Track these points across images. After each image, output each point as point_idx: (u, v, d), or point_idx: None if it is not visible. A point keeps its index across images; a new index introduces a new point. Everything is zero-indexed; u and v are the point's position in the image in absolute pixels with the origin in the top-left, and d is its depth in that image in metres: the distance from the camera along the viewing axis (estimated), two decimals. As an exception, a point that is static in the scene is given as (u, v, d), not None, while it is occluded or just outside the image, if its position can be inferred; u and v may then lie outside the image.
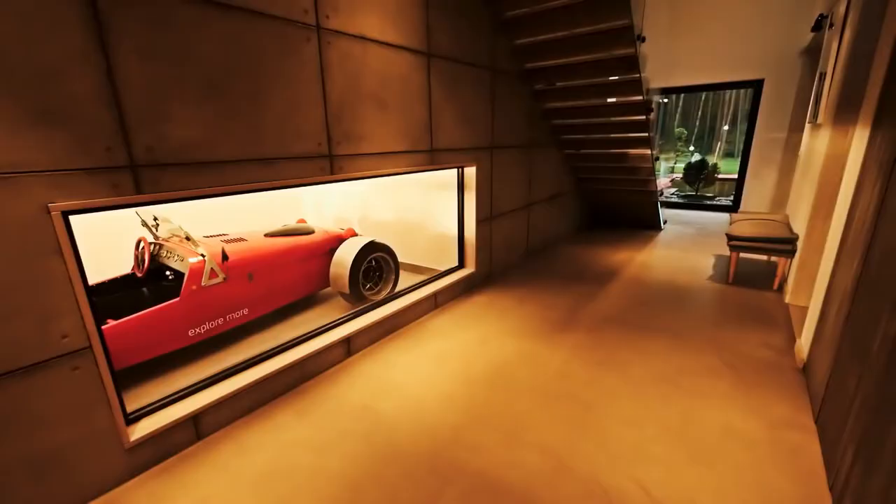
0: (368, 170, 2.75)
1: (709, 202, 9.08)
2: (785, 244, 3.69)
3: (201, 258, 2.78)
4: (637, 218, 6.52)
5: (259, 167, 2.14)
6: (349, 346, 2.86)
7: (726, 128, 32.15)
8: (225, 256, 2.78)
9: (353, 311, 3.14)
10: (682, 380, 2.51)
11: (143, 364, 2.59)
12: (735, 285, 4.00)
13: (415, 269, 4.59)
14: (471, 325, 3.32)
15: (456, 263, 4.13)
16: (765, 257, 4.68)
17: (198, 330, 2.80)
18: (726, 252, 5.01)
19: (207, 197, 2.01)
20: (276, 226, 3.85)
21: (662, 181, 11.04)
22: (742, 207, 7.49)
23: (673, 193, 10.38)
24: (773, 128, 6.92)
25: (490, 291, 4.00)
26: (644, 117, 4.29)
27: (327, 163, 2.45)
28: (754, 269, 4.43)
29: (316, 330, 2.82)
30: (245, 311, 3.08)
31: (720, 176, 10.83)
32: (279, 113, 2.18)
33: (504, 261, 4.58)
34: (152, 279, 3.18)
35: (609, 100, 4.34)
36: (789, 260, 3.80)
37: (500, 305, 3.67)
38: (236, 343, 3.01)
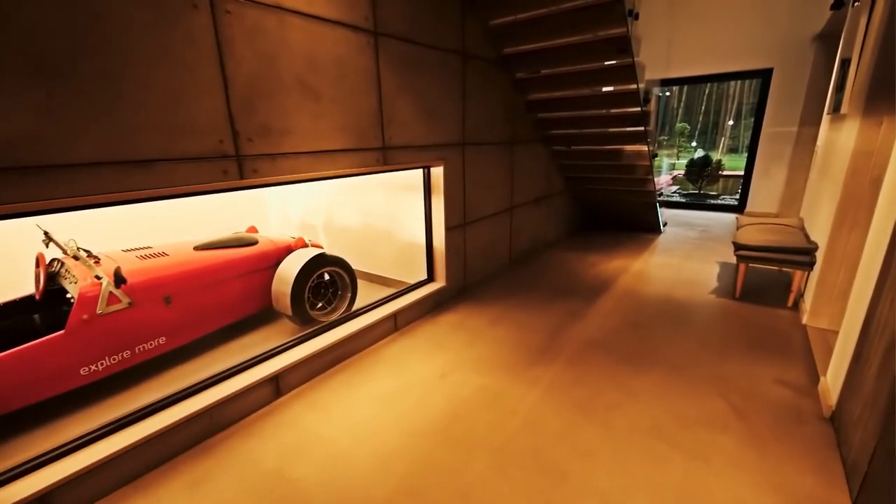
0: (297, 172, 2.26)
1: (712, 201, 8.54)
2: (802, 255, 3.18)
3: (96, 281, 2.30)
4: (635, 220, 6.00)
5: (128, 172, 1.65)
6: (278, 386, 2.38)
7: (730, 123, 31.51)
8: (120, 279, 2.29)
9: (292, 338, 2.65)
10: (679, 434, 2.01)
11: (25, 410, 2.12)
12: (742, 301, 3.50)
13: (382, 281, 4.11)
14: (433, 352, 2.83)
15: (425, 276, 3.64)
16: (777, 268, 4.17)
17: (94, 367, 2.32)
18: (732, 259, 4.49)
19: (46, 213, 1.53)
20: (231, 232, 3.36)
21: (663, 178, 10.51)
22: (749, 207, 6.96)
23: (675, 192, 9.84)
24: (782, 121, 6.38)
25: (462, 308, 3.51)
26: (639, 109, 3.77)
27: (233, 164, 1.96)
28: (765, 281, 3.91)
29: (234, 367, 2.33)
30: (162, 341, 2.60)
31: (725, 173, 10.28)
32: (158, 102, 1.69)
33: (482, 271, 4.08)
34: (54, 303, 2.70)
35: (599, 89, 3.83)
36: (806, 273, 3.28)
37: (471, 326, 3.18)
38: (152, 378, 2.53)
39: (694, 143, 28.83)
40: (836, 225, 2.81)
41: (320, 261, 3.10)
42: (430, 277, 3.64)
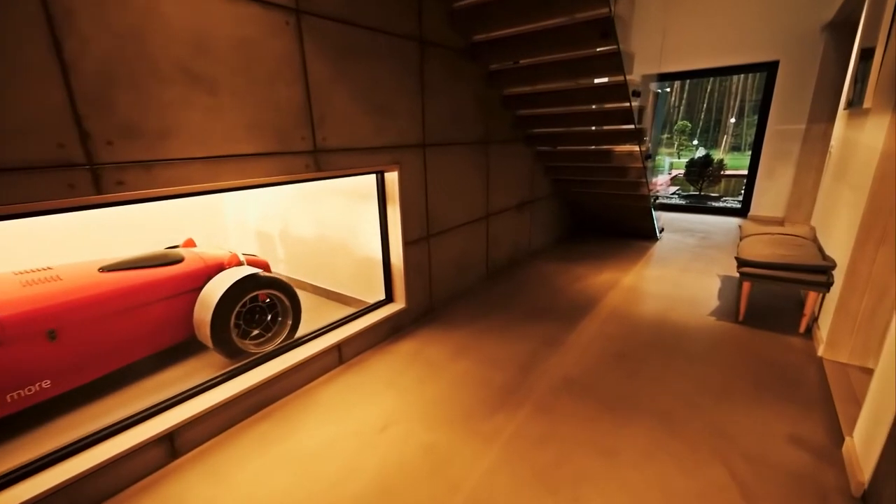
0: (188, 183, 1.80)
1: (714, 203, 8.06)
2: (817, 274, 2.71)
3: (-59, 318, 1.85)
4: (629, 226, 5.54)
5: None
6: (173, 445, 1.93)
7: (733, 120, 30.99)
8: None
9: (202, 382, 2.20)
10: (666, 522, 1.56)
11: None
12: (747, 325, 3.03)
13: (341, 299, 3.66)
14: (379, 393, 2.38)
15: (383, 296, 3.18)
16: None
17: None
18: (734, 271, 4.03)
19: None
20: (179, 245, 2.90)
21: (662, 179, 10.03)
22: (752, 210, 6.49)
23: (674, 193, 9.36)
24: (789, 118, 5.91)
25: (425, 334, 3.06)
26: (628, 104, 3.30)
27: (84, 175, 1.51)
28: (772, 300, 3.45)
29: (118, 424, 1.88)
30: (46, 384, 2.16)
31: (727, 172, 9.78)
32: (-47, 92, 1.24)
33: (452, 288, 3.62)
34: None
35: (583, 82, 3.37)
36: (822, 294, 2.82)
37: (431, 358, 2.73)
38: (31, 431, 2.09)
39: (696, 142, 28.31)
40: (861, 240, 2.34)
41: (251, 282, 2.65)
42: (389, 298, 3.19)
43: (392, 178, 2.85)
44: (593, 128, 3.91)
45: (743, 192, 6.98)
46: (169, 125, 1.70)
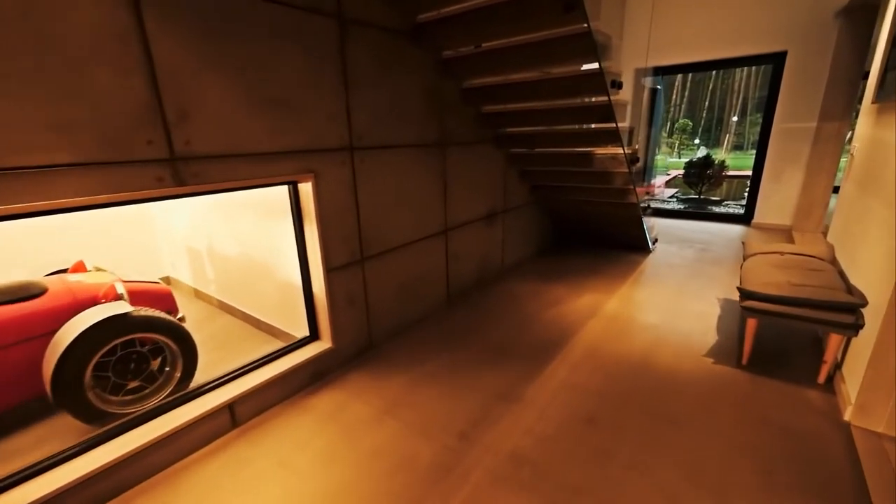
0: (-64, 209, 1.23)
1: (714, 208, 7.47)
2: (842, 313, 2.13)
3: None
4: (617, 236, 4.95)
5: None
6: (-65, 580, 1.36)
7: (735, 119, 30.35)
8: None
9: (29, 467, 1.63)
10: None
11: None
12: (751, 371, 2.45)
13: (270, 330, 3.09)
14: (264, 479, 1.80)
15: (308, 332, 2.61)
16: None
17: None
18: (736, 292, 3.45)
19: None
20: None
21: (658, 181, 9.44)
22: (757, 218, 5.90)
23: (672, 196, 8.75)
24: (797, 115, 5.31)
25: (353, 382, 2.48)
26: (606, 99, 2.72)
27: None
28: (782, 335, 2.86)
29: None
30: None
31: (729, 173, 9.14)
32: None
33: (398, 320, 3.05)
34: None
35: (551, 72, 2.78)
36: (847, 338, 2.24)
37: (351, 420, 2.15)
38: None
39: (697, 141, 27.66)
40: (904, 276, 1.76)
41: (119, 325, 2.08)
42: (314, 335, 2.61)
43: (306, 190, 2.28)
44: (566, 127, 3.33)
45: (746, 195, 6.39)
46: None
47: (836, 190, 5.51)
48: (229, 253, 3.23)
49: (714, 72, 29.83)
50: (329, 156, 2.32)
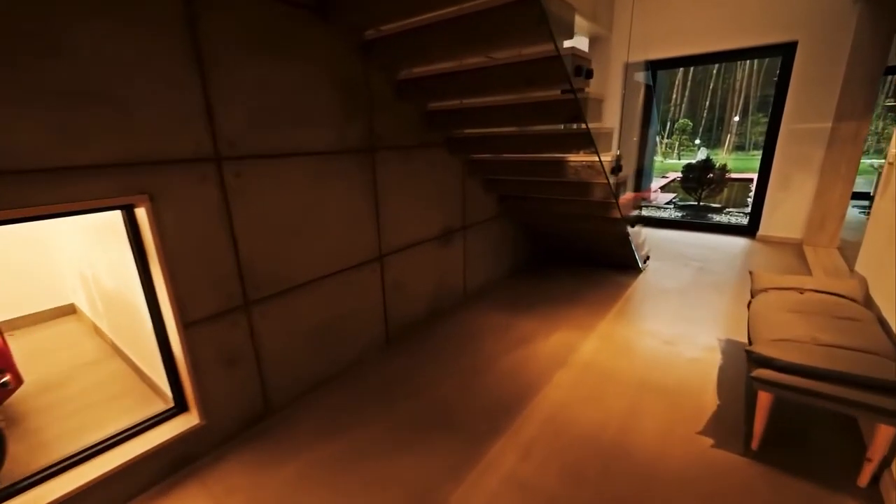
0: None
1: (715, 217, 6.81)
2: (889, 394, 1.48)
3: None
4: (603, 253, 4.31)
5: None
6: None
7: (736, 118, 29.66)
8: None
9: None
10: None
11: None
12: (764, 461, 1.80)
13: (153, 386, 2.45)
14: None
15: (173, 403, 1.97)
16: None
17: None
18: (741, 331, 2.80)
19: None
20: None
21: (653, 185, 8.78)
22: (762, 230, 5.25)
23: (670, 202, 8.09)
24: (809, 115, 4.66)
25: (228, 472, 1.84)
26: (571, 93, 2.07)
27: None
28: (803, 407, 2.20)
29: None
30: None
31: (731, 176, 8.46)
32: None
33: (311, 373, 2.40)
34: None
35: (498, 57, 2.14)
36: (900, 427, 1.58)
37: (197, 543, 1.51)
38: None
39: (697, 141, 26.95)
40: None
41: None
42: (180, 405, 1.97)
43: (143, 220, 1.64)
44: (524, 129, 2.68)
45: (750, 203, 5.74)
46: None
47: (853, 198, 4.87)
48: (109, 286, 2.60)
49: (715, 71, 29.11)
50: (177, 170, 1.67)
